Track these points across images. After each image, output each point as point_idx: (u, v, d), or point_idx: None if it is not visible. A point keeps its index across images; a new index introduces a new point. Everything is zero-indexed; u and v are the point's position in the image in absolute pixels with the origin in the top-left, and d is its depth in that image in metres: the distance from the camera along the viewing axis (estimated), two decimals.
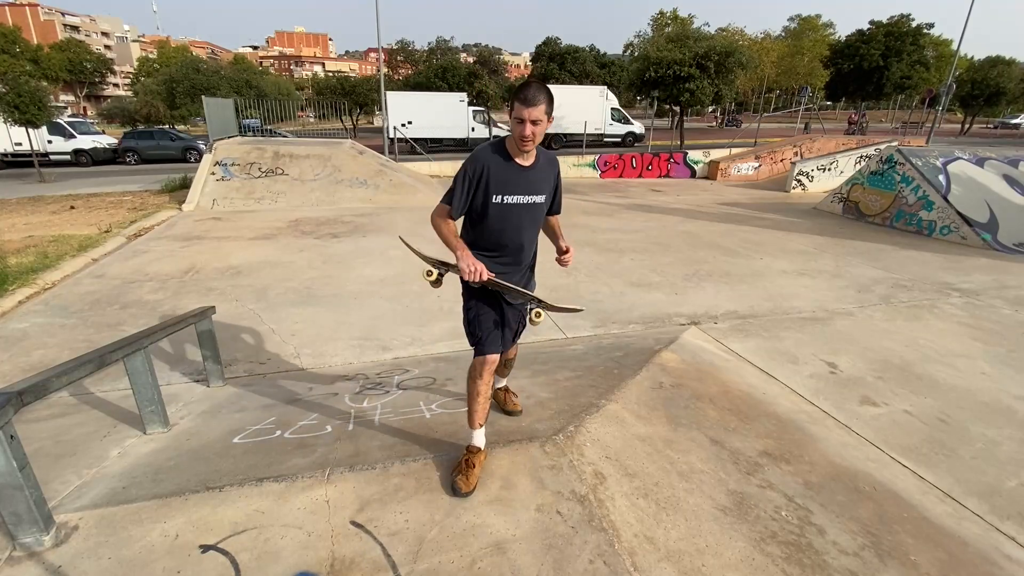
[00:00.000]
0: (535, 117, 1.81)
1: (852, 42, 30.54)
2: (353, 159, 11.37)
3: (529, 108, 1.80)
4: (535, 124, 1.83)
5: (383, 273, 6.03)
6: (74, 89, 53.68)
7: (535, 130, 1.84)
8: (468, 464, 2.07)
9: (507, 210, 1.99)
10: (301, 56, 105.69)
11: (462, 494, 2.00)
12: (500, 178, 1.95)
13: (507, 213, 1.99)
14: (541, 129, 1.86)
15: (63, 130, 18.65)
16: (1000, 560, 2.01)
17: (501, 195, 1.96)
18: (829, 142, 16.46)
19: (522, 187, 1.98)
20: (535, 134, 1.85)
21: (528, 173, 1.98)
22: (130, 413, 2.92)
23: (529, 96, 1.80)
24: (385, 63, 33.76)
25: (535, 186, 2.01)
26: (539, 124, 1.84)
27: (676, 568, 1.77)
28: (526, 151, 1.93)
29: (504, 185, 1.95)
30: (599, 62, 37.68)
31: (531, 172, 2.00)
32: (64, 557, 1.73)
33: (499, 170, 1.95)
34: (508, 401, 2.63)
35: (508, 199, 1.97)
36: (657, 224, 9.03)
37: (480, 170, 1.94)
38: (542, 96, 1.82)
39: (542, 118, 1.83)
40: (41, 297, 5.27)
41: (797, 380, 3.49)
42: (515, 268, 2.15)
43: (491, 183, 1.94)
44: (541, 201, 2.05)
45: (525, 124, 1.82)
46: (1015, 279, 6.04)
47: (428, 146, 19.37)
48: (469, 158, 1.98)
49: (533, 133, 1.84)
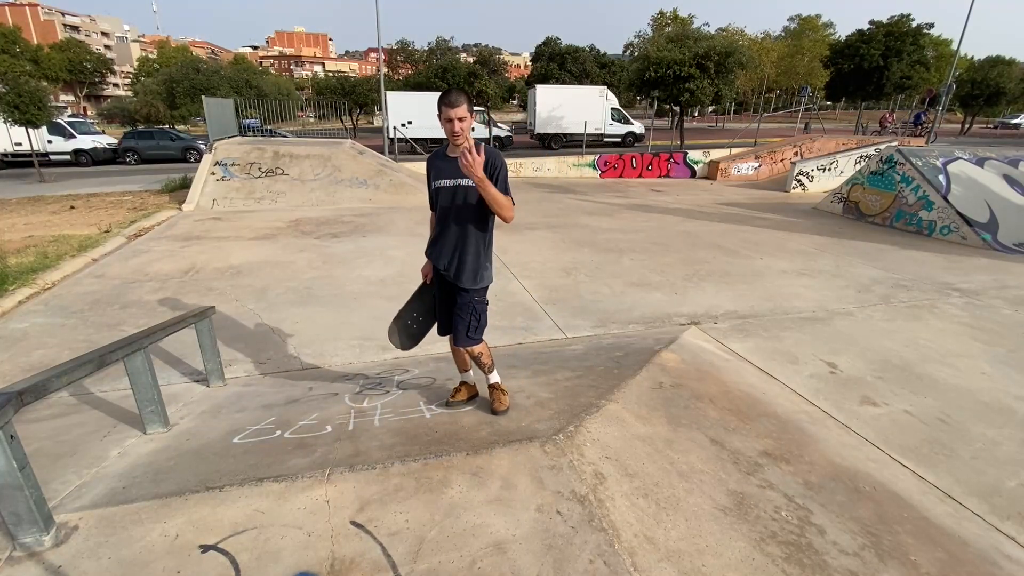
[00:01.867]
0: (459, 115, 2.23)
1: (852, 42, 30.49)
2: (353, 159, 11.36)
3: (454, 108, 2.21)
4: (461, 121, 2.24)
5: (383, 273, 6.03)
6: (74, 89, 53.68)
7: (462, 126, 2.25)
8: (459, 389, 2.81)
9: (437, 192, 2.41)
10: (301, 56, 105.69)
11: (449, 405, 2.75)
12: (436, 168, 2.42)
13: (438, 195, 2.41)
14: (466, 124, 2.26)
15: (63, 130, 18.65)
16: (1000, 560, 2.01)
17: (436, 180, 2.41)
18: (829, 142, 16.46)
19: (448, 173, 2.35)
20: (463, 129, 2.25)
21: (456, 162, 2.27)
22: (130, 413, 2.92)
23: (452, 99, 2.22)
24: (385, 63, 33.76)
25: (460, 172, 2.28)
26: (464, 120, 2.25)
27: (676, 568, 1.77)
28: (457, 144, 2.28)
29: (438, 172, 2.40)
30: (599, 62, 37.69)
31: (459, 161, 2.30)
32: (64, 557, 1.73)
33: (437, 163, 2.43)
34: (494, 399, 2.68)
35: (440, 183, 2.39)
36: (657, 224, 9.03)
37: (428, 166, 2.48)
38: (462, 98, 2.24)
39: (465, 115, 2.25)
40: (41, 297, 5.27)
41: (797, 380, 3.49)
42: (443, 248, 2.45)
43: (431, 173, 2.44)
44: (467, 184, 2.30)
45: (453, 122, 2.23)
46: (1015, 279, 6.04)
47: (428, 146, 19.35)
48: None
49: (461, 128, 2.25)
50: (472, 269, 2.43)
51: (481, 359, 2.58)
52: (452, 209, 2.38)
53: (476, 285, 2.46)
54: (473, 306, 2.46)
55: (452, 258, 2.42)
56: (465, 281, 2.43)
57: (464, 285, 2.44)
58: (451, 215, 2.39)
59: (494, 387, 2.70)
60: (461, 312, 2.47)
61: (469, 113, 2.25)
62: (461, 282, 2.43)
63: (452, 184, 2.35)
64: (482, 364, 2.61)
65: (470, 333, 2.49)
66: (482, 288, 2.50)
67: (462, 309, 2.47)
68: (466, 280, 2.43)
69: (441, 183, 2.38)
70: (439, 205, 2.43)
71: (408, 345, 2.75)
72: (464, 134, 2.27)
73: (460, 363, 2.78)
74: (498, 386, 2.70)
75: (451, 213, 2.39)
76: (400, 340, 2.72)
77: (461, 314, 2.47)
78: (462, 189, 2.33)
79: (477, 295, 2.48)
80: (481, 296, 2.51)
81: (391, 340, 2.72)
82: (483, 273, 2.48)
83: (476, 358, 2.58)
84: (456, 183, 2.33)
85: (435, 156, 2.47)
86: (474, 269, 2.43)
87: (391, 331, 2.72)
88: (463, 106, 2.22)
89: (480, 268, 2.46)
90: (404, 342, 2.73)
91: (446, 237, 2.43)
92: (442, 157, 2.42)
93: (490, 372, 2.66)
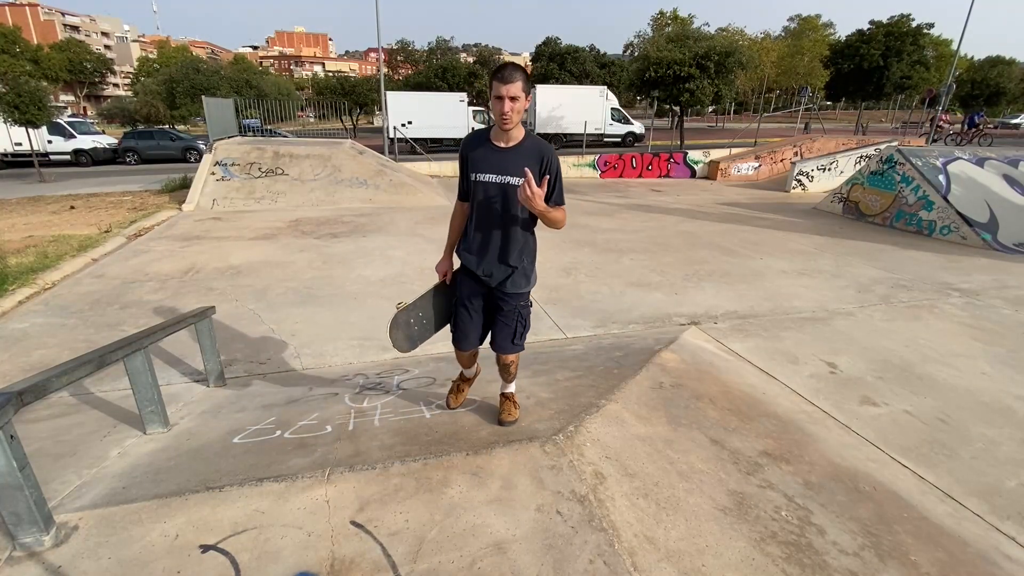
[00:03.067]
0: (513, 93, 1.90)
1: (852, 42, 30.46)
2: (353, 159, 11.36)
3: (507, 85, 1.89)
4: (513, 100, 1.92)
5: (383, 273, 6.03)
6: (74, 89, 53.69)
7: (514, 107, 1.93)
8: (458, 388, 2.68)
9: (479, 188, 2.09)
10: (301, 56, 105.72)
11: (449, 408, 2.64)
12: (476, 159, 2.10)
13: (479, 190, 2.10)
14: (519, 106, 1.94)
15: (63, 130, 18.66)
16: (1000, 560, 2.01)
17: (475, 173, 2.10)
18: (829, 142, 16.45)
19: (494, 167, 2.06)
20: (514, 110, 1.93)
21: (505, 154, 2.05)
22: (130, 413, 2.92)
23: (506, 74, 1.90)
24: (385, 63, 33.75)
25: (508, 167, 2.04)
26: (517, 100, 1.92)
27: (676, 568, 1.77)
28: (506, 129, 2.00)
29: (478, 163, 2.09)
30: (599, 62, 37.64)
31: (508, 154, 2.05)
32: (64, 557, 1.72)
33: (477, 151, 2.10)
34: (504, 409, 2.53)
35: (480, 177, 2.09)
36: (657, 224, 9.03)
37: (462, 151, 2.16)
38: (518, 74, 1.90)
39: (519, 94, 1.92)
40: (41, 297, 5.27)
41: (797, 380, 3.49)
42: (483, 252, 2.18)
43: (470, 163, 2.12)
44: (515, 183, 2.01)
45: (503, 101, 1.91)
46: (1015, 279, 6.04)
47: (428, 146, 19.37)
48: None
49: (512, 109, 1.93)
50: (521, 274, 2.22)
51: (512, 367, 2.42)
52: (497, 209, 2.10)
53: (524, 289, 2.25)
54: (519, 311, 2.27)
55: (496, 263, 2.18)
56: (511, 287, 2.21)
57: (510, 291, 2.22)
58: (495, 216, 2.12)
59: (508, 397, 2.55)
60: (507, 319, 2.26)
61: (524, 93, 1.92)
62: (506, 288, 2.21)
63: (499, 182, 2.06)
64: (511, 373, 2.45)
65: (516, 340, 2.30)
66: (528, 292, 2.30)
67: (507, 316, 2.26)
68: (512, 286, 2.21)
69: (484, 178, 2.08)
70: (477, 201, 2.13)
71: (404, 347, 2.53)
72: (514, 118, 1.96)
73: (465, 366, 2.59)
74: (512, 396, 2.57)
75: (495, 214, 2.11)
76: (397, 339, 2.52)
77: (507, 320, 2.26)
78: (513, 189, 2.03)
79: (523, 300, 2.28)
80: (527, 300, 2.31)
81: (390, 336, 2.51)
82: (531, 276, 2.28)
83: (508, 365, 2.40)
84: (505, 181, 2.04)
85: (475, 142, 2.13)
86: (523, 274, 2.23)
87: (391, 326, 2.52)
88: (518, 83, 1.90)
89: (529, 271, 2.26)
90: (401, 343, 2.52)
91: (488, 239, 2.16)
92: (485, 144, 2.09)
93: (512, 380, 2.52)
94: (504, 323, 2.27)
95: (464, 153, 2.15)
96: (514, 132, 2.03)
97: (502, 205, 2.09)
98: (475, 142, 2.14)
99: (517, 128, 2.03)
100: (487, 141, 2.09)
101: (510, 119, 1.95)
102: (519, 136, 2.07)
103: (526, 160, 2.01)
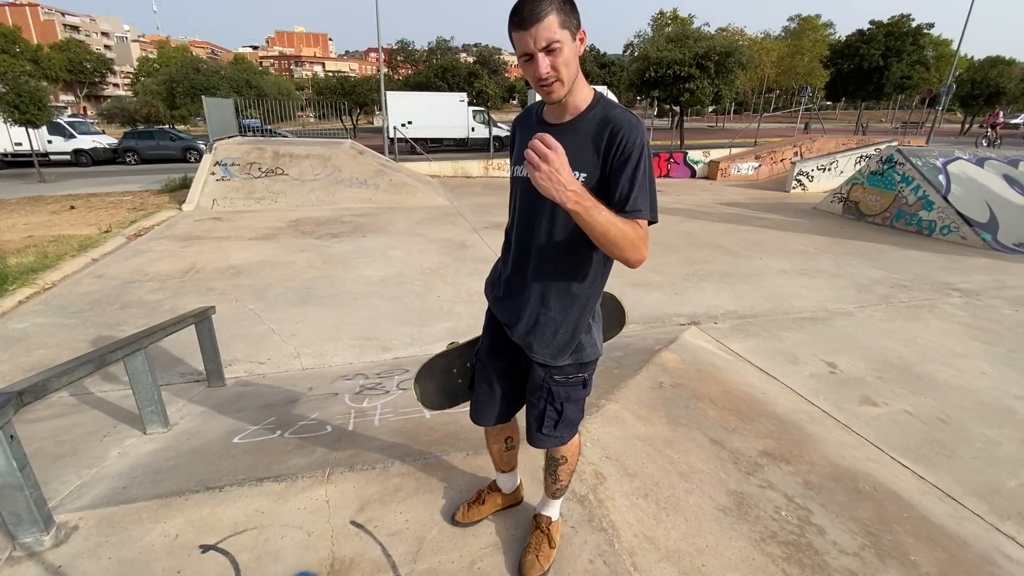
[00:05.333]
0: (546, 38, 1.08)
1: (852, 42, 30.48)
2: (353, 159, 11.37)
3: (531, 29, 1.08)
4: (550, 52, 1.10)
5: (383, 273, 6.03)
6: (74, 89, 53.73)
7: (554, 61, 1.11)
8: (479, 498, 1.87)
9: (516, 188, 1.37)
10: (301, 56, 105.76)
11: (453, 521, 1.83)
12: (520, 141, 1.39)
13: (516, 192, 1.38)
14: (567, 57, 1.11)
15: (63, 130, 18.63)
16: (1000, 560, 2.01)
17: (514, 166, 1.37)
18: (829, 142, 16.46)
19: None
20: (556, 67, 1.11)
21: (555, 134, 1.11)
22: (130, 413, 2.92)
23: (525, 11, 1.07)
24: (385, 63, 33.74)
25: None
26: (557, 51, 1.10)
27: (676, 568, 1.77)
28: (552, 100, 1.20)
29: (518, 152, 1.32)
30: (599, 62, 37.64)
31: (560, 133, 1.17)
32: (64, 557, 1.73)
33: (524, 134, 1.34)
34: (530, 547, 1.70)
35: (517, 171, 1.34)
36: (657, 224, 9.01)
37: (512, 133, 1.46)
38: (543, 6, 1.06)
39: (557, 37, 1.08)
40: (41, 297, 5.27)
41: (797, 380, 3.49)
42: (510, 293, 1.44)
43: (513, 146, 1.44)
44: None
45: (533, 59, 1.11)
46: (1015, 279, 6.04)
47: (428, 146, 19.35)
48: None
49: (553, 66, 1.11)
50: (566, 333, 1.40)
51: (558, 467, 1.61)
52: (538, 223, 1.31)
53: (561, 361, 1.42)
54: (549, 389, 1.45)
55: (524, 312, 1.40)
56: (539, 348, 1.42)
57: (537, 355, 1.43)
58: (534, 233, 1.33)
59: (540, 524, 1.73)
60: (533, 396, 1.49)
61: (568, 32, 1.10)
62: (534, 349, 1.43)
63: None
64: (558, 477, 1.63)
65: (545, 429, 1.50)
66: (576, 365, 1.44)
67: (534, 392, 1.49)
68: (541, 347, 1.41)
69: (520, 171, 1.32)
70: (517, 210, 1.38)
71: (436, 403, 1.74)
72: (564, 81, 1.14)
73: (495, 456, 1.79)
74: (547, 526, 1.72)
75: (535, 229, 1.32)
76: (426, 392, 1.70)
77: (533, 398, 1.50)
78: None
79: (558, 373, 1.44)
80: (569, 375, 1.45)
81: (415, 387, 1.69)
82: (582, 340, 1.42)
83: (558, 461, 1.61)
84: None
85: (525, 119, 1.41)
86: (568, 332, 1.40)
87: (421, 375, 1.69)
88: (550, 17, 1.06)
89: (579, 328, 1.40)
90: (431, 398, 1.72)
91: (521, 270, 1.40)
92: (536, 120, 1.34)
93: (557, 496, 1.72)
94: (531, 400, 1.52)
95: (513, 136, 1.46)
96: (573, 99, 1.22)
97: (546, 216, 1.29)
98: (525, 120, 1.41)
99: (578, 92, 1.21)
100: (538, 117, 1.33)
101: (553, 84, 1.14)
102: (582, 104, 1.24)
103: (583, 140, 1.22)
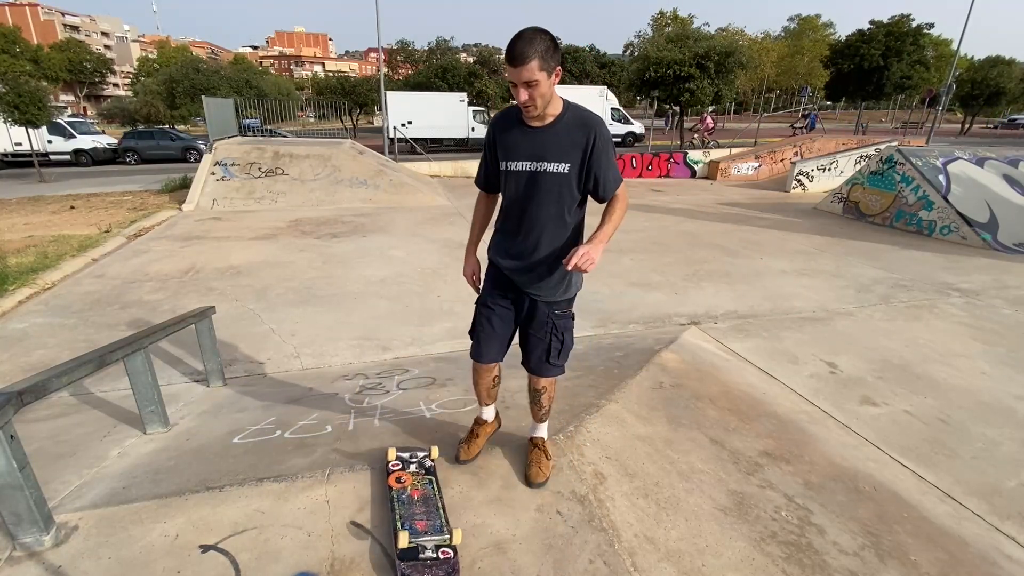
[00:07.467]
0: (526, 78, 1.49)
1: (852, 42, 30.46)
2: (353, 159, 11.37)
3: (518, 69, 1.48)
4: (530, 87, 1.52)
5: (383, 273, 6.03)
6: (74, 89, 53.73)
7: (532, 93, 1.53)
8: (472, 434, 2.17)
9: (511, 179, 1.74)
10: (301, 56, 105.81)
11: (459, 461, 2.10)
12: (507, 143, 1.74)
13: (511, 182, 1.75)
14: (543, 90, 1.54)
15: (63, 130, 18.65)
16: (1000, 560, 2.01)
17: (505, 161, 1.74)
18: (829, 142, 16.45)
19: (525, 151, 1.70)
20: (533, 97, 1.54)
21: (537, 135, 1.67)
22: (130, 413, 2.92)
23: (516, 53, 1.46)
24: (385, 63, 33.73)
25: (544, 151, 1.66)
26: (535, 87, 1.52)
27: (676, 568, 1.77)
28: (531, 116, 1.64)
29: (508, 150, 1.73)
30: (599, 62, 37.65)
31: (541, 134, 1.66)
32: (64, 557, 1.72)
33: (508, 133, 1.73)
34: (532, 461, 2.04)
35: (511, 166, 1.72)
36: (657, 224, 9.03)
37: (491, 133, 1.79)
38: (532, 49, 1.46)
39: (536, 78, 1.50)
40: (41, 297, 5.27)
41: (797, 380, 3.49)
42: (522, 261, 1.80)
43: (499, 147, 1.76)
44: (553, 171, 1.67)
45: (519, 89, 1.53)
46: (1015, 279, 6.04)
47: (428, 146, 19.36)
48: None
49: (532, 97, 1.54)
50: (558, 275, 1.80)
51: (544, 397, 2.01)
52: (531, 199, 1.74)
53: (560, 296, 1.85)
54: (552, 322, 1.86)
55: (526, 259, 1.79)
56: (544, 291, 1.82)
57: (543, 296, 1.83)
58: (530, 212, 1.75)
59: (538, 444, 2.09)
60: (538, 331, 1.87)
61: (545, 72, 1.51)
62: (540, 292, 1.82)
63: (533, 169, 1.69)
64: (542, 405, 2.03)
65: (551, 359, 1.89)
66: (567, 300, 1.88)
67: (538, 327, 1.87)
68: (546, 290, 1.82)
69: (516, 166, 1.71)
70: (507, 193, 1.78)
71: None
72: (538, 105, 1.58)
73: (484, 391, 2.10)
74: (544, 444, 2.09)
75: (529, 210, 1.75)
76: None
77: (538, 333, 1.87)
78: (549, 177, 1.68)
79: (558, 308, 1.86)
80: (564, 309, 1.89)
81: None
82: (574, 281, 1.86)
83: (539, 393, 2.01)
84: (540, 168, 1.68)
85: (505, 121, 1.75)
86: (561, 275, 1.81)
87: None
88: (532, 62, 1.47)
89: (570, 274, 1.82)
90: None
91: (521, 242, 1.79)
92: (515, 123, 1.71)
93: (544, 420, 2.10)
94: (535, 336, 1.88)
95: (492, 135, 1.79)
96: (548, 110, 1.65)
97: (538, 199, 1.71)
98: (505, 121, 1.75)
99: (552, 105, 1.64)
100: (519, 121, 1.70)
101: (529, 108, 1.58)
102: (556, 111, 1.67)
103: (567, 138, 1.66)
